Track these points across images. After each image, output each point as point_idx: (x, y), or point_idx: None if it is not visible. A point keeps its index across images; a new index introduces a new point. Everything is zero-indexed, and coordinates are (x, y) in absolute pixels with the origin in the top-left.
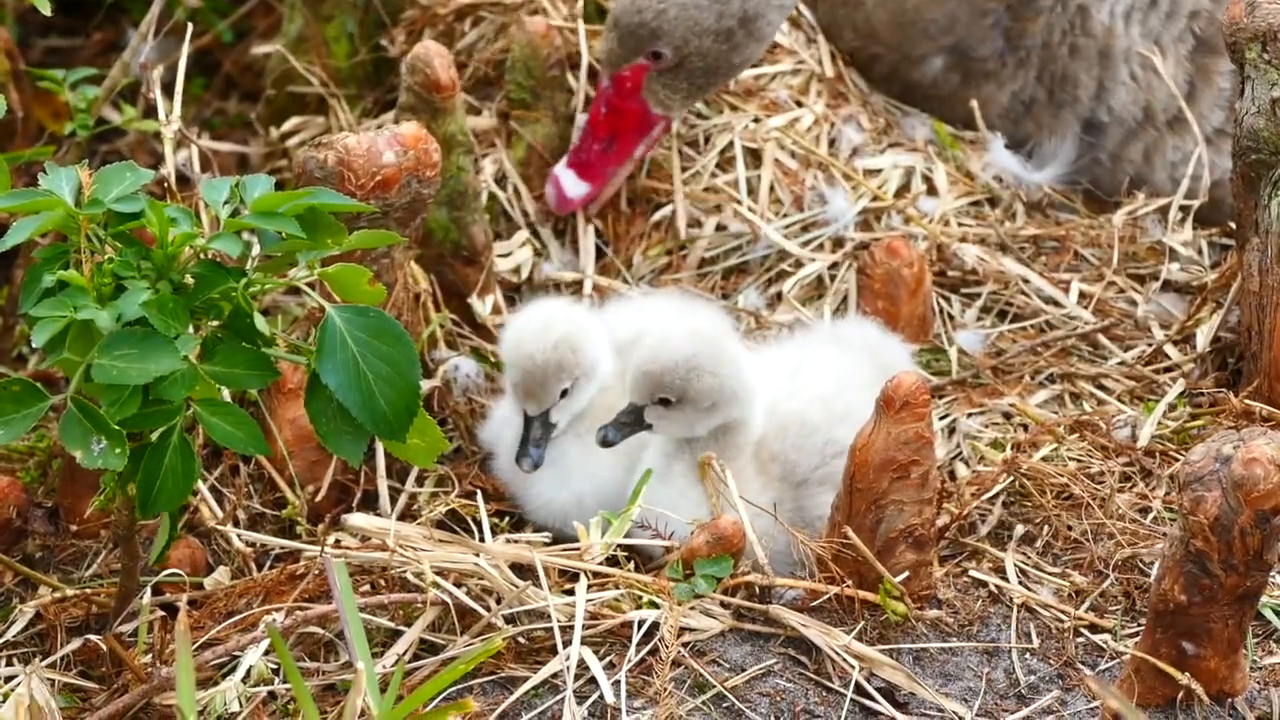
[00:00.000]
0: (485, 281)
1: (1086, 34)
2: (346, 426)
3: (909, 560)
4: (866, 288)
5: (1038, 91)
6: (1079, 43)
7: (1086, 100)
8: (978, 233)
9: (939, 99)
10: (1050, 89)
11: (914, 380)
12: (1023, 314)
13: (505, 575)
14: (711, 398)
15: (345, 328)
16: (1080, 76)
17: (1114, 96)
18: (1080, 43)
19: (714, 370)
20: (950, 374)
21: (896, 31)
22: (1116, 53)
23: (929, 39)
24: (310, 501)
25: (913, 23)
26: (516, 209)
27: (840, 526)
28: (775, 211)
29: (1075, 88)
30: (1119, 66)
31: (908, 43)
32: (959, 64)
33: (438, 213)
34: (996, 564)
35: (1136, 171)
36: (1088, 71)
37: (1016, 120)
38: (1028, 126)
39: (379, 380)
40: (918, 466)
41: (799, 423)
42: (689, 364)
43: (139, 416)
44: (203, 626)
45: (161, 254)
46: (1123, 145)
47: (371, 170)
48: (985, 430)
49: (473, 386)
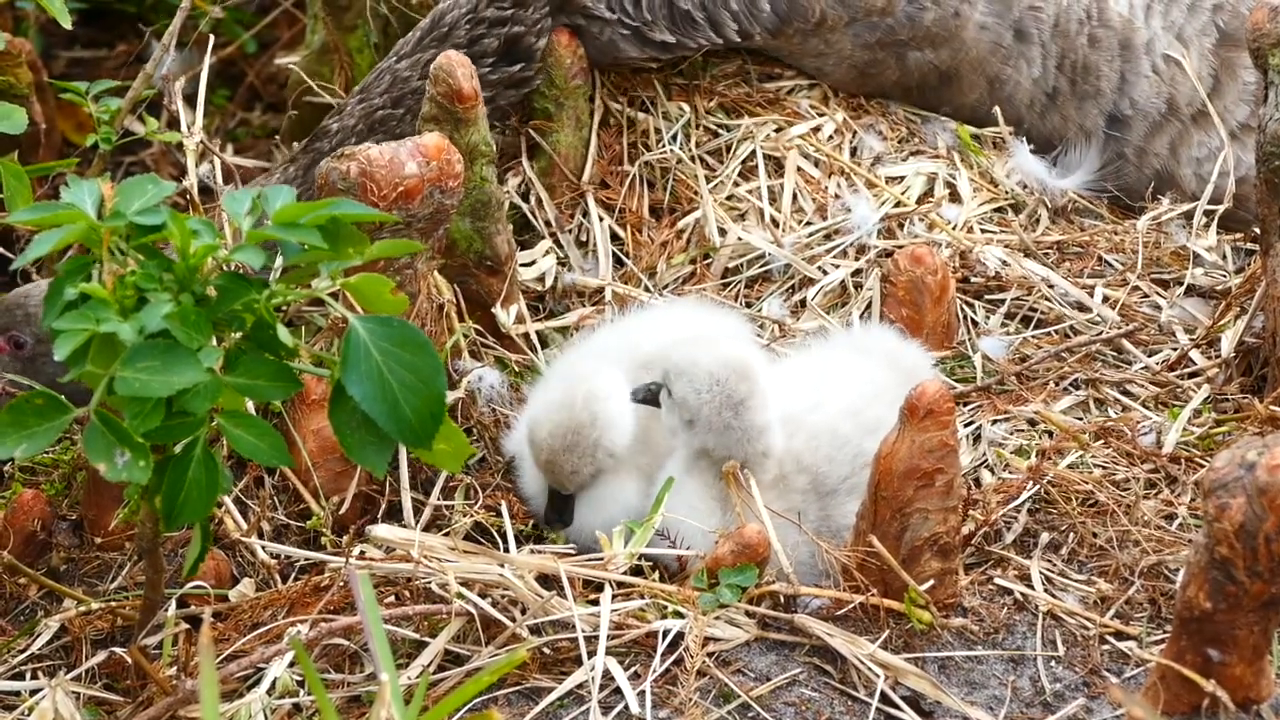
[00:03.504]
0: (509, 291)
1: (1105, 24)
2: (370, 437)
3: (934, 568)
4: (891, 295)
5: (1060, 81)
6: (1097, 33)
7: (1109, 92)
8: (1001, 239)
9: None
10: (1072, 79)
11: (938, 388)
12: (1046, 319)
13: (530, 586)
14: (720, 438)
15: (369, 338)
16: (1101, 68)
17: (1136, 89)
18: (1099, 33)
19: (734, 416)
20: (974, 381)
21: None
22: (1137, 45)
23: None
24: (335, 513)
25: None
26: (539, 219)
27: (865, 535)
28: (798, 220)
29: (1097, 79)
30: (1140, 59)
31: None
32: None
33: (461, 223)
34: (1022, 571)
35: (1162, 165)
36: (1109, 63)
37: (1042, 113)
38: (1053, 119)
39: (404, 389)
40: (942, 474)
41: (830, 433)
42: (718, 399)
43: (163, 429)
44: (227, 639)
45: (184, 266)
46: (1148, 139)
47: (394, 181)
48: (1010, 437)
49: (497, 397)
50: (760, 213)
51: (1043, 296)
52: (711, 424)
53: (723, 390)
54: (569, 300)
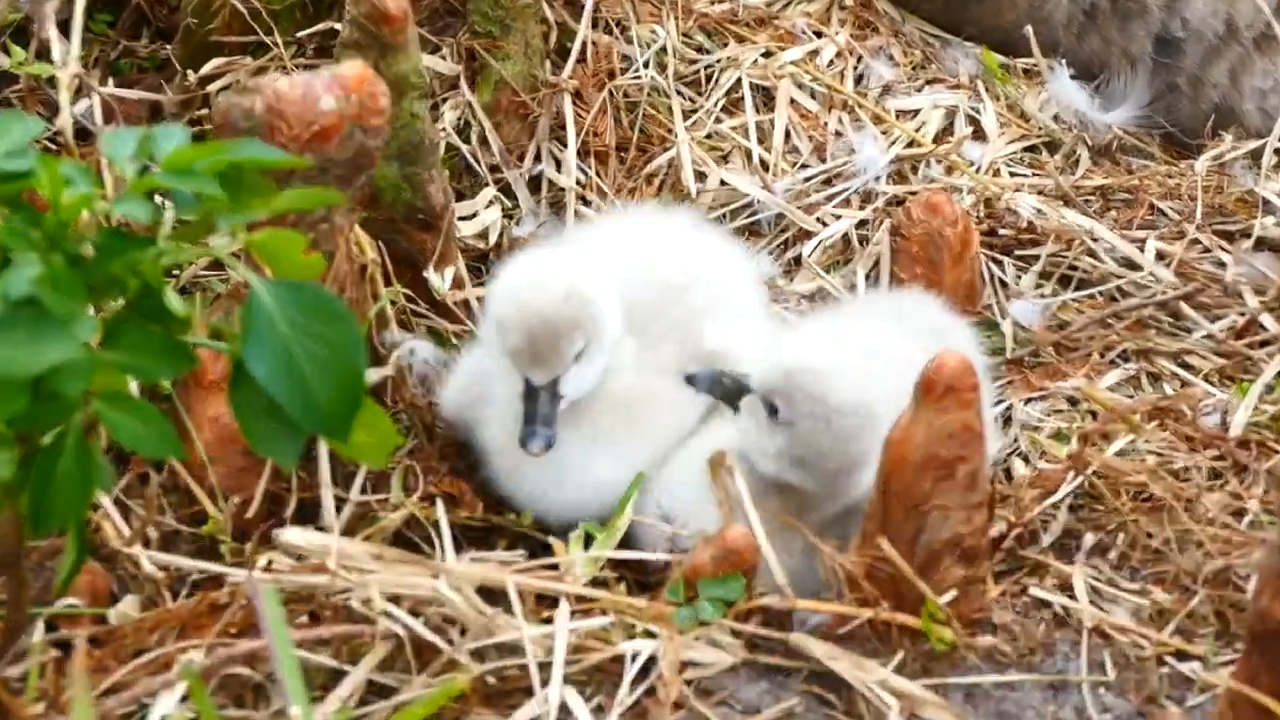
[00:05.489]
0: (445, 250)
1: None
2: (278, 424)
3: (957, 577)
4: (903, 251)
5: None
6: None
7: (1156, 10)
8: (1034, 183)
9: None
10: None
11: (959, 360)
12: (1089, 279)
13: (471, 601)
14: (815, 478)
15: (275, 306)
16: None
17: (1188, 7)
18: None
19: (847, 472)
20: (1004, 352)
21: None
22: None
23: None
24: (236, 515)
25: None
26: (483, 163)
27: (874, 537)
28: (792, 162)
29: None
30: None
31: None
32: None
33: (387, 168)
34: (1062, 580)
35: (1222, 97)
36: None
37: (1080, 34)
38: (1093, 42)
39: (316, 366)
40: (965, 464)
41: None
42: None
43: (28, 414)
44: (106, 668)
45: (54, 220)
46: (1203, 66)
47: (307, 119)
48: (1046, 419)
49: (431, 375)
50: (747, 153)
51: (1085, 251)
52: (821, 471)
53: (850, 441)
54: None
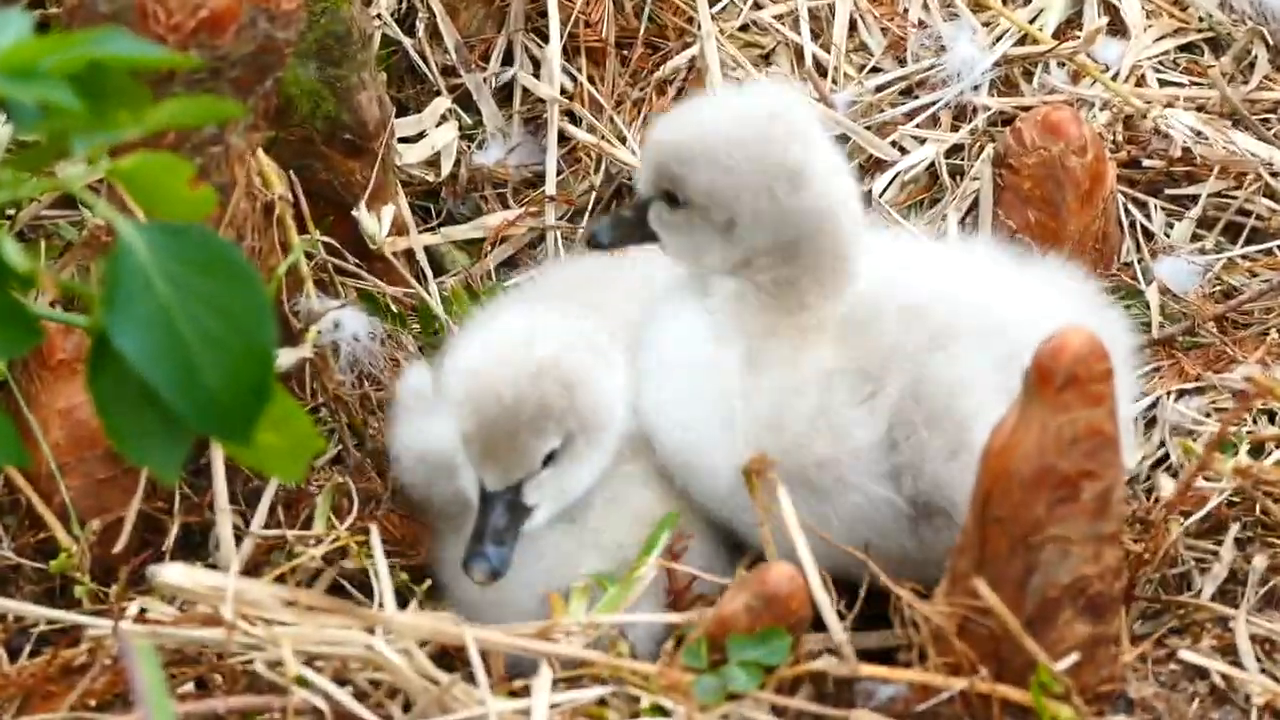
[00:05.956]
0: (380, 182)
1: None
2: (154, 420)
3: (1080, 634)
4: (1010, 188)
5: None
6: None
7: None
8: (1192, 95)
9: None
10: None
11: (1085, 340)
12: (1265, 230)
13: (417, 664)
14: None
15: (151, 258)
16: None
17: None
18: None
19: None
20: (1149, 330)
21: None
22: None
23: None
24: (97, 545)
25: None
26: (433, 63)
27: (967, 578)
28: (858, 65)
29: None
30: None
31: None
32: None
33: (301, 70)
34: (1223, 641)
35: None
36: None
37: None
38: None
39: (206, 343)
40: (1093, 481)
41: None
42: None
43: None
44: None
45: None
46: None
47: (192, 3)
48: (1205, 421)
49: (364, 356)
50: (797, 52)
51: (1261, 191)
52: (752, 214)
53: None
54: (480, 196)
